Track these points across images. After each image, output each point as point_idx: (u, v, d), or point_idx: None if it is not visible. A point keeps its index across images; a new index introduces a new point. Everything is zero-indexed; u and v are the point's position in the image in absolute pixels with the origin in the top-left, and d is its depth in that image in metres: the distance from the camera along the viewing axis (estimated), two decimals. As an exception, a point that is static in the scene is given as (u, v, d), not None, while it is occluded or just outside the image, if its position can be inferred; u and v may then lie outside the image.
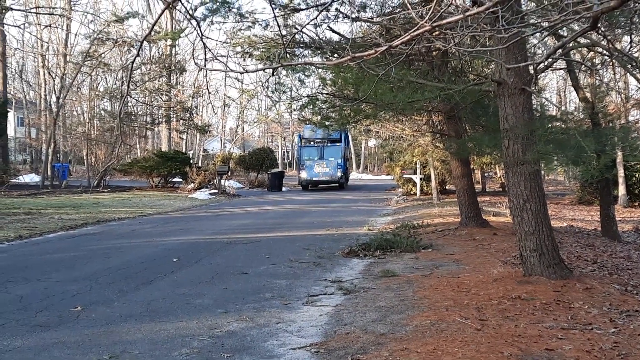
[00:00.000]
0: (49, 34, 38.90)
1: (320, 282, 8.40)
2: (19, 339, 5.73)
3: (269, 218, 18.53)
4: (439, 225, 14.63)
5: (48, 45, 39.71)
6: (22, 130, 56.23)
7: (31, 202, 23.84)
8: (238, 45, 14.20)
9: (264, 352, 5.36)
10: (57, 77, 35.87)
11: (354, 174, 62.98)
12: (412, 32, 2.50)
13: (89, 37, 35.48)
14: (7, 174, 32.10)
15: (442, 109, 12.44)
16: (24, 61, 54.14)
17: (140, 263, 10.10)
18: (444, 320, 5.82)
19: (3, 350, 5.42)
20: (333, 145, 35.65)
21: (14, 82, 54.66)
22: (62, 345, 5.53)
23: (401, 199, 26.41)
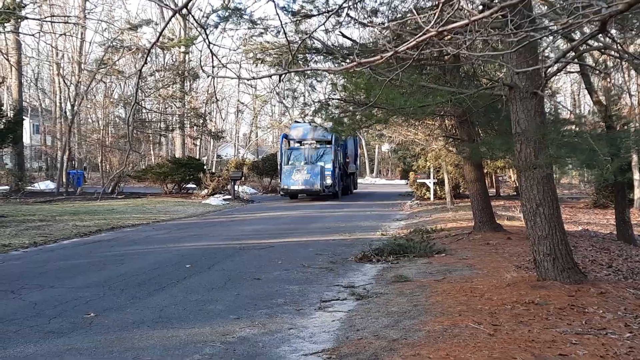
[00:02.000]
0: (64, 42, 39.30)
1: (333, 288, 8.39)
2: (33, 346, 5.77)
3: (282, 223, 18.54)
4: (452, 230, 14.57)
5: (63, 53, 40.09)
6: (38, 138, 56.74)
7: (46, 209, 24.02)
8: (250, 51, 14.25)
9: (275, 358, 5.35)
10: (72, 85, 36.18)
11: (367, 179, 62.90)
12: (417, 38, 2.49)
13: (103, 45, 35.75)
14: (22, 181, 32.37)
15: (454, 113, 12.40)
16: (39, 69, 54.68)
17: (153, 269, 10.14)
18: (457, 326, 5.79)
19: (17, 356, 5.46)
20: (323, 148, 31.01)
21: (30, 90, 55.19)
22: (75, 352, 5.55)
23: (415, 204, 26.34)
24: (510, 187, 34.99)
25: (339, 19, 10.62)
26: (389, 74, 6.85)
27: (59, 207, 24.97)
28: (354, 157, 38.12)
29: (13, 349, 5.68)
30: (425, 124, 16.82)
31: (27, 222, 18.56)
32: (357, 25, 11.41)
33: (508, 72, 7.63)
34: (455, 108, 10.89)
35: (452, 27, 2.53)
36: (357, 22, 10.73)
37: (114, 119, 43.61)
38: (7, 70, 40.27)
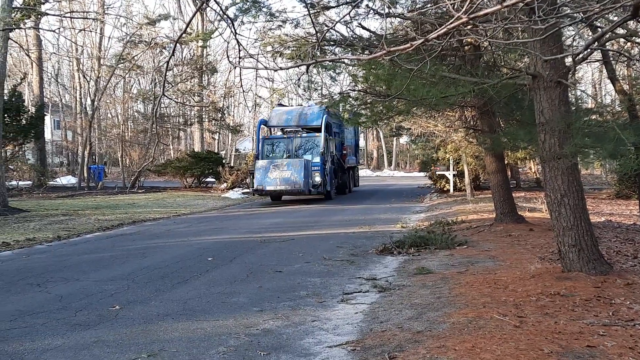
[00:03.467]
0: (84, 37, 39.58)
1: (355, 280, 8.38)
2: (60, 338, 5.83)
3: (301, 216, 18.56)
4: (473, 222, 14.48)
5: (82, 48, 40.40)
6: (59, 133, 57.31)
7: (68, 203, 24.27)
8: (268, 44, 14.24)
9: (300, 350, 5.35)
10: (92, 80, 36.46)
11: (385, 172, 62.65)
12: (448, 25, 2.45)
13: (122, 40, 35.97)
14: (45, 176, 32.73)
15: (475, 104, 12.29)
16: (59, 65, 55.19)
17: (175, 262, 10.20)
18: (482, 317, 5.74)
19: (45, 348, 5.52)
20: (311, 137, 24.98)
21: (50, 86, 55.71)
22: (101, 344, 5.60)
23: (434, 196, 26.22)
24: (531, 178, 34.68)
25: (357, 10, 10.57)
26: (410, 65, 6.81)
27: (80, 202, 25.21)
28: (354, 147, 32.15)
29: (41, 341, 5.74)
30: (446, 115, 16.70)
31: (50, 216, 18.77)
32: (376, 16, 11.33)
33: (531, 61, 7.53)
34: (477, 99, 10.80)
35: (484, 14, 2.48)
36: (377, 12, 10.66)
37: (133, 113, 43.87)
38: (28, 67, 40.69)
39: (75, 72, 43.71)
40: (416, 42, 2.64)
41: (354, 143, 32.30)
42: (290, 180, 22.86)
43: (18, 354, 5.39)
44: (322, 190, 23.77)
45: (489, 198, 16.88)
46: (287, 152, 24.61)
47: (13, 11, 23.04)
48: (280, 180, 22.93)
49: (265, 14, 12.19)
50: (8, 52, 24.01)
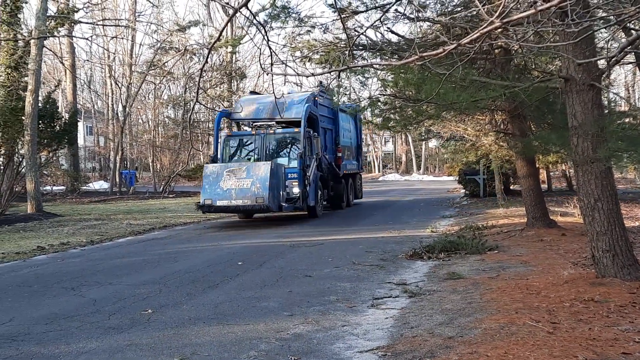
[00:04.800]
0: (115, 45, 40.20)
1: (385, 285, 8.35)
2: (94, 341, 5.92)
3: (331, 221, 18.55)
4: (504, 227, 14.33)
5: (114, 55, 41.02)
6: (91, 139, 58.26)
7: (101, 208, 24.64)
8: (297, 49, 14.29)
9: (330, 355, 5.36)
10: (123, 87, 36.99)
11: (414, 176, 62.33)
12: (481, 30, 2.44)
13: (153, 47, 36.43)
14: (78, 182, 33.29)
15: (506, 108, 12.18)
16: (92, 72, 56.11)
17: (206, 267, 10.28)
18: (514, 323, 5.68)
19: (80, 351, 5.61)
20: (286, 133, 19.01)
21: (83, 93, 56.64)
22: (135, 347, 5.68)
23: (464, 200, 26.01)
24: (562, 182, 34.21)
25: (387, 14, 10.56)
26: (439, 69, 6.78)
27: (112, 206, 25.59)
28: (355, 149, 25.52)
29: (76, 344, 5.84)
30: (476, 119, 16.57)
31: (83, 221, 19.08)
32: (405, 20, 11.31)
33: (563, 64, 7.45)
34: (508, 102, 10.70)
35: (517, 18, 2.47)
36: (406, 17, 10.65)
37: (164, 119, 44.39)
38: (61, 74, 41.43)
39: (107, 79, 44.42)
40: (449, 47, 2.64)
41: (355, 143, 25.62)
42: (250, 193, 16.31)
43: (54, 357, 5.48)
44: (301, 205, 17.66)
45: (520, 202, 16.69)
46: (256, 153, 18.37)
47: (48, 20, 23.53)
48: (236, 192, 16.40)
49: (294, 19, 12.26)
50: (43, 60, 24.50)
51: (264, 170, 16.52)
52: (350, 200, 24.03)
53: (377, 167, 74.28)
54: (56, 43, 38.76)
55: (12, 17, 23.68)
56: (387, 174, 66.25)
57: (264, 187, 16.24)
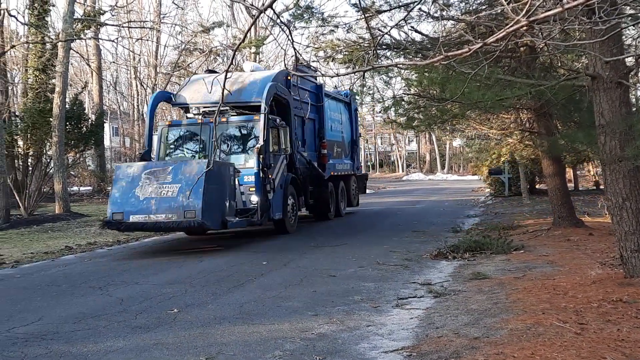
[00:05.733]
0: (140, 46, 40.63)
1: (409, 285, 8.32)
2: (122, 340, 6.00)
3: (354, 220, 18.53)
4: (530, 226, 14.19)
5: (140, 57, 41.42)
6: (117, 140, 58.86)
7: (127, 208, 24.86)
8: (321, 49, 14.31)
9: (355, 355, 5.35)
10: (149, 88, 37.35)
11: (438, 175, 61.99)
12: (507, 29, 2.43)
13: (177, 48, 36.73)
14: (104, 182, 33.65)
15: (531, 106, 12.05)
16: (117, 73, 56.66)
17: (231, 266, 10.34)
18: (541, 324, 5.63)
19: (107, 350, 5.68)
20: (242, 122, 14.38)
21: (109, 94, 57.27)
22: (161, 346, 5.73)
23: (489, 200, 25.82)
24: (589, 181, 33.78)
25: (411, 13, 10.52)
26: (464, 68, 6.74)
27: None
28: (348, 144, 20.85)
29: (104, 343, 5.91)
30: (501, 117, 16.43)
31: (109, 221, 19.25)
32: (429, 19, 11.26)
33: (590, 62, 7.36)
34: (534, 101, 10.60)
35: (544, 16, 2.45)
36: (430, 16, 10.61)
37: (189, 120, 44.66)
38: (88, 76, 41.98)
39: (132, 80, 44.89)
40: (474, 46, 2.62)
41: (349, 138, 20.92)
42: (175, 204, 11.63)
43: (82, 355, 5.56)
44: (259, 219, 13.10)
45: (546, 202, 16.53)
46: (204, 149, 14.10)
47: (74, 22, 23.85)
48: (156, 202, 11.74)
49: (318, 19, 12.27)
50: (70, 62, 24.83)
51: (198, 171, 11.66)
52: (341, 209, 19.35)
53: (400, 167, 74.06)
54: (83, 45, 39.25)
55: (40, 20, 24.05)
56: (411, 174, 66.02)
57: (197, 195, 11.34)
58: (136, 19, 37.52)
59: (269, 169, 13.52)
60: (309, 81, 17.09)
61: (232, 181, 12.69)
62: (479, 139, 25.83)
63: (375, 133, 74.95)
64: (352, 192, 20.71)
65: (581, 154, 15.27)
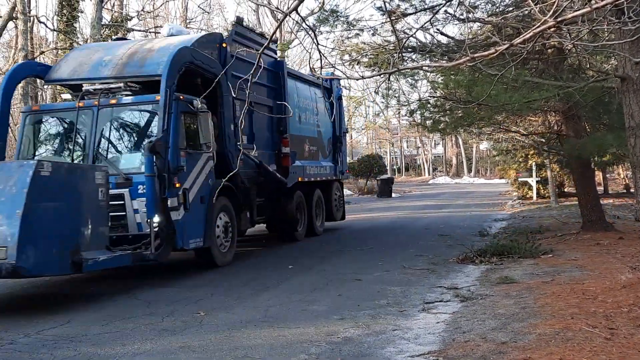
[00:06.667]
0: (167, 52, 40.96)
1: (436, 289, 8.26)
2: (149, 343, 6.04)
3: (379, 224, 18.48)
4: (558, 230, 14.00)
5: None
6: (144, 144, 59.39)
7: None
8: (346, 53, 14.30)
9: (382, 359, 5.33)
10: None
11: (464, 179, 61.50)
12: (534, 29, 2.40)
13: (203, 53, 36.93)
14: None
15: (559, 109, 11.91)
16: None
17: (256, 270, 10.37)
18: (570, 329, 5.55)
19: (135, 352, 5.73)
20: (139, 105, 10.00)
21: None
22: (187, 349, 5.77)
23: (516, 203, 25.56)
24: (619, 184, 33.25)
25: (436, 16, 10.48)
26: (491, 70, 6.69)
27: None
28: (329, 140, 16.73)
29: (131, 345, 5.97)
30: (528, 120, 16.27)
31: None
32: (455, 21, 11.20)
33: (619, 63, 7.25)
34: (562, 103, 10.48)
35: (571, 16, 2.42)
36: (456, 18, 10.55)
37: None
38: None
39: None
40: (501, 47, 2.59)
41: (329, 132, 16.70)
42: None
43: (110, 358, 5.62)
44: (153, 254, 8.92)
45: (575, 205, 16.31)
46: (83, 145, 10.10)
47: (102, 28, 24.19)
48: None
49: (343, 22, 12.27)
50: (98, 68, 25.09)
51: (18, 180, 7.47)
52: (316, 225, 15.30)
53: (426, 170, 73.71)
54: (110, 51, 39.76)
55: (69, 27, 24.40)
56: (437, 177, 65.64)
57: (10, 219, 7.22)
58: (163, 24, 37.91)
59: (175, 174, 9.27)
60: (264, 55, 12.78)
61: (101, 195, 8.55)
62: (505, 142, 25.59)
63: (401, 136, 74.69)
64: (333, 203, 16.66)
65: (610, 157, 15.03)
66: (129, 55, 10.41)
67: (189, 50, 10.13)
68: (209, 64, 10.66)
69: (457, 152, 72.55)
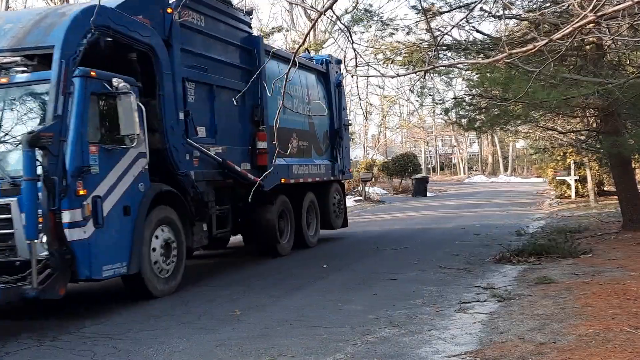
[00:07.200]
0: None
1: (472, 289, 8.17)
2: (186, 341, 6.11)
3: (414, 224, 18.36)
4: (598, 229, 13.73)
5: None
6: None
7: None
8: (380, 52, 14.25)
9: (417, 359, 5.30)
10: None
11: (501, 177, 60.77)
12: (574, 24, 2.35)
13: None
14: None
15: (598, 106, 11.67)
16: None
17: (290, 269, 10.41)
18: (611, 330, 5.44)
19: (172, 350, 5.80)
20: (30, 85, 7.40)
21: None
22: (224, 347, 5.81)
23: (554, 202, 25.16)
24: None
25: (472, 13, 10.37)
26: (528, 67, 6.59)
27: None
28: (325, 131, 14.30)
29: (169, 343, 6.05)
30: (566, 117, 16.00)
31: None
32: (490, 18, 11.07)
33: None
34: (602, 100, 10.27)
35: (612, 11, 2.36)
36: (492, 15, 10.43)
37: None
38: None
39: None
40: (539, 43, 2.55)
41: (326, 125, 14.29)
42: None
43: (148, 355, 5.70)
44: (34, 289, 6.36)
45: (615, 204, 15.97)
46: None
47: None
48: None
49: (377, 22, 12.23)
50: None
51: None
52: (307, 236, 12.99)
53: (462, 169, 73.04)
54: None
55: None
56: (473, 176, 65.00)
57: None
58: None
59: (78, 178, 7.03)
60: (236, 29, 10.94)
61: None
62: (543, 140, 25.18)
63: (436, 135, 74.13)
64: (331, 208, 14.25)
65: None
66: (36, 22, 7.80)
67: (106, 10, 7.53)
68: (141, 32, 8.19)
69: (493, 150, 71.72)
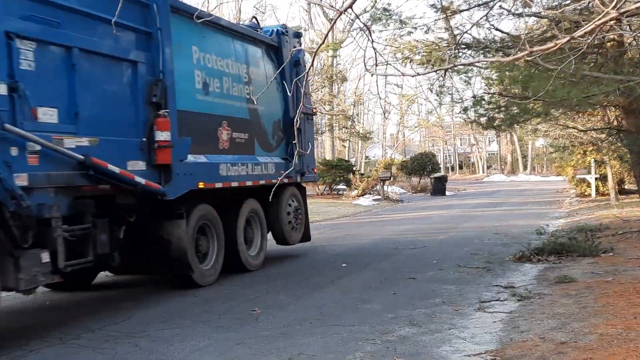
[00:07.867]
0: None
1: (492, 288, 8.14)
2: (206, 339, 6.16)
3: (433, 223, 18.31)
4: (619, 228, 13.60)
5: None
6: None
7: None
8: (398, 51, 14.21)
9: (437, 358, 5.30)
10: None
11: (520, 176, 60.32)
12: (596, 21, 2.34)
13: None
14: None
15: (620, 103, 11.55)
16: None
17: (310, 268, 10.44)
18: (633, 329, 5.40)
19: (192, 349, 5.85)
20: None
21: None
22: (244, 346, 5.85)
23: (574, 201, 24.94)
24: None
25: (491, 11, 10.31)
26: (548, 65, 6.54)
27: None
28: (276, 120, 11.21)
29: (189, 342, 6.10)
30: (586, 116, 15.85)
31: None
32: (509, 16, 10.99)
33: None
34: (623, 97, 10.17)
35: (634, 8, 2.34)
36: (511, 13, 10.35)
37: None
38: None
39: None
40: (561, 40, 2.54)
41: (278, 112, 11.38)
42: None
43: (169, 354, 5.75)
44: None
45: (636, 202, 15.82)
46: None
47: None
48: None
49: (395, 21, 12.19)
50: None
51: None
52: (245, 256, 10.08)
53: (481, 168, 72.65)
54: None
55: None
56: (492, 175, 64.64)
57: None
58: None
59: None
60: None
61: None
62: (562, 138, 24.95)
63: (455, 134, 73.82)
64: (284, 219, 11.33)
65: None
66: None
67: None
68: None
69: (512, 149, 71.29)
